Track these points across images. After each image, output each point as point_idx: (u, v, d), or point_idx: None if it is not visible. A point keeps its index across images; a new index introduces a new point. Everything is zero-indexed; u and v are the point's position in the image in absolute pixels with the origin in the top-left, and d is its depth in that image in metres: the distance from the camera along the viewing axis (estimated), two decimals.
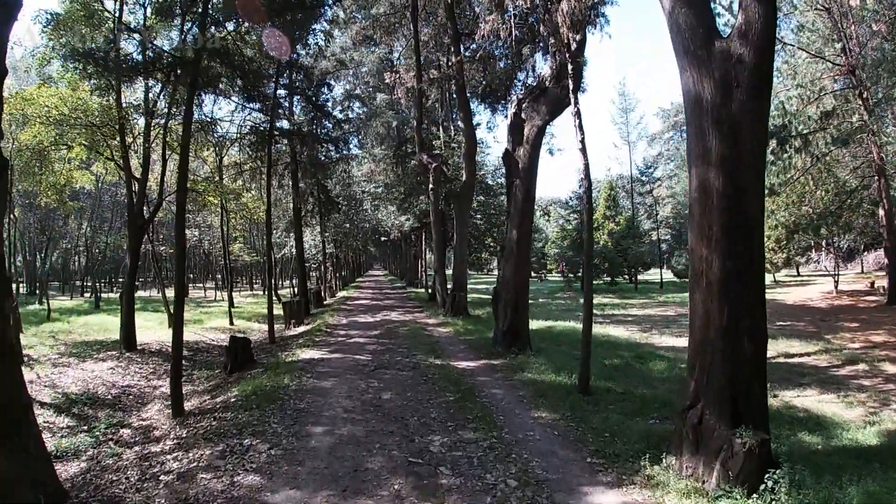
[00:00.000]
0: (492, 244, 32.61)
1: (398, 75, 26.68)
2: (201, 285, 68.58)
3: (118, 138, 17.42)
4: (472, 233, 30.65)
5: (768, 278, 41.35)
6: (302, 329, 21.04)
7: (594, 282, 46.74)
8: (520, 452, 6.87)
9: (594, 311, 27.34)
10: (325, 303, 32.39)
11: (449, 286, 24.69)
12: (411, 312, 25.19)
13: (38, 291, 47.05)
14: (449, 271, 29.06)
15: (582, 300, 34.23)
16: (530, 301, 36.24)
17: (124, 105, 17.45)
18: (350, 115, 34.65)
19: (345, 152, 34.02)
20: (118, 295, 53.93)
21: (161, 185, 20.23)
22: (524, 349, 13.92)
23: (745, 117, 6.23)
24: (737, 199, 6.18)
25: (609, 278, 47.02)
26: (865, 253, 45.48)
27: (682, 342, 19.24)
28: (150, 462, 7.35)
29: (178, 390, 10.21)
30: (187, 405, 10.97)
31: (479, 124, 32.35)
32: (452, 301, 22.57)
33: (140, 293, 55.35)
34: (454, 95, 31.06)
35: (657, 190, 53.10)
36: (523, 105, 14.71)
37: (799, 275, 47.69)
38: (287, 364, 12.83)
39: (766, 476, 5.62)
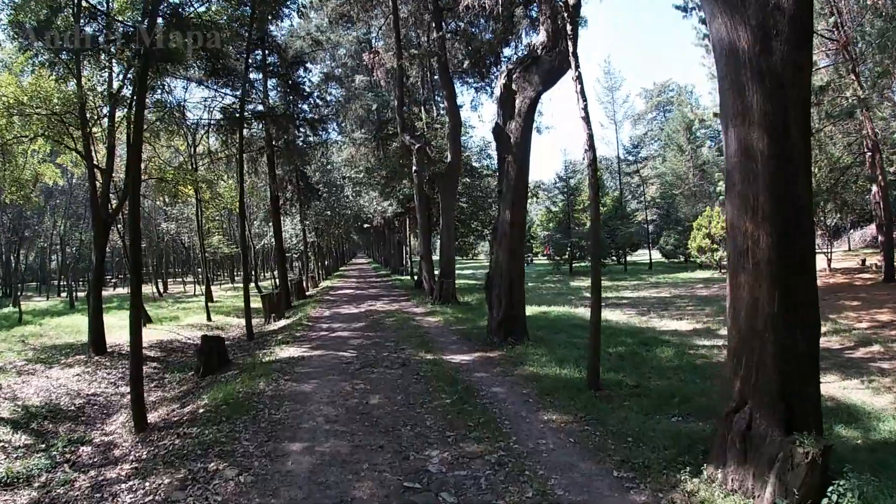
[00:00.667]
0: (478, 227, 31.55)
1: (377, 56, 25.51)
2: (181, 280, 67.25)
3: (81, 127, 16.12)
4: (457, 216, 29.58)
5: None
6: (282, 323, 19.91)
7: (581, 263, 46.45)
8: (534, 468, 5.84)
9: (585, 294, 26.50)
10: (307, 294, 31.22)
11: (436, 273, 23.66)
12: (397, 301, 24.12)
13: (11, 293, 45.53)
14: (435, 257, 28.03)
15: (572, 283, 33.38)
16: None
17: (85, 89, 16.15)
18: (328, 98, 33.39)
19: (323, 137, 32.78)
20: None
21: (127, 176, 18.87)
22: (521, 339, 12.96)
23: (788, 70, 5.22)
24: (786, 163, 5.18)
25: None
26: (852, 230, 45.17)
27: (684, 325, 18.54)
28: (103, 493, 6.26)
29: (140, 402, 9.13)
30: (153, 416, 9.91)
31: (462, 105, 31.22)
32: (440, 288, 21.55)
33: (119, 290, 54.04)
34: (436, 75, 30.00)
35: (644, 170, 52.25)
36: (514, 76, 13.61)
37: None
38: (263, 365, 11.72)
39: (830, 489, 4.68)
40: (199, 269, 67.58)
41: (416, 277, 31.30)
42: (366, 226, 49.61)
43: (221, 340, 13.53)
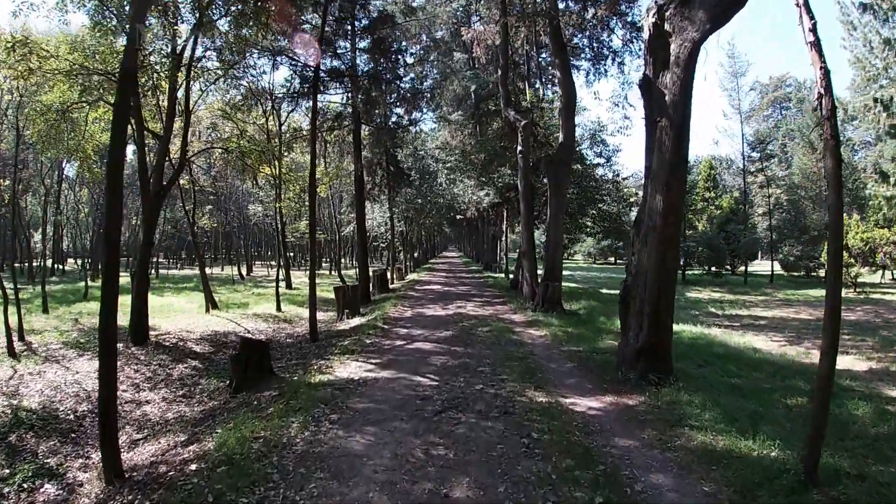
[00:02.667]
0: (588, 224, 27.53)
1: (477, 32, 22.29)
2: (270, 263, 66.66)
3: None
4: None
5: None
6: (356, 322, 16.91)
7: (693, 271, 41.27)
8: None
9: (711, 310, 22.04)
10: (390, 287, 28.30)
11: (538, 273, 20.02)
12: (491, 304, 20.64)
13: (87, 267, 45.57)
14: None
15: (688, 294, 28.67)
16: (613, 292, 31.10)
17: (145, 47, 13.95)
18: (423, 75, 30.27)
19: (416, 117, 29.79)
20: (176, 271, 52.73)
21: (184, 143, 16.35)
22: (667, 376, 9.19)
23: None
24: None
25: (712, 269, 40.65)
26: None
27: (855, 363, 13.98)
28: None
29: (111, 445, 6.13)
30: (144, 454, 7.06)
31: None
32: (544, 293, 17.88)
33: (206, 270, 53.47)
34: (541, 49, 26.29)
35: (770, 169, 46.22)
36: (667, 13, 9.76)
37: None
38: (309, 389, 8.55)
39: None
40: (291, 253, 67.17)
41: (511, 277, 27.74)
42: (458, 217, 46.35)
43: (264, 347, 10.48)
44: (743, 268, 44.41)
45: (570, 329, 14.69)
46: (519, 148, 19.72)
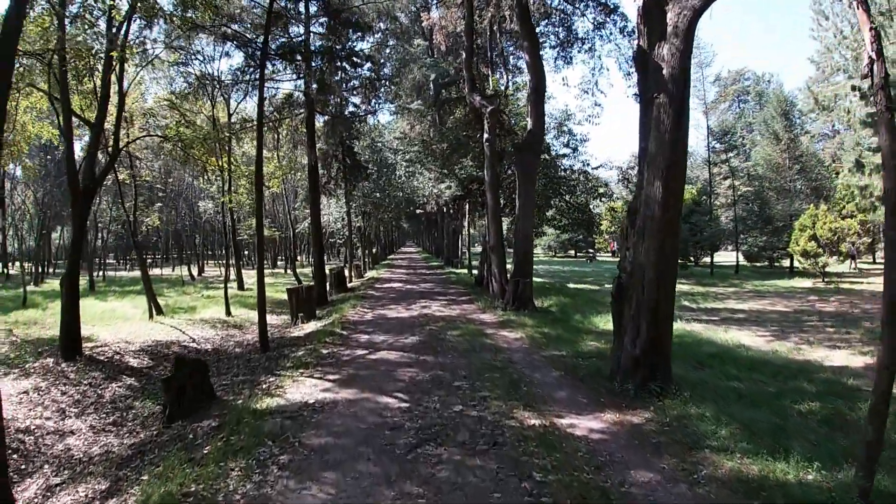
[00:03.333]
0: (556, 217, 26.23)
1: (437, 18, 21.04)
2: (223, 262, 63.66)
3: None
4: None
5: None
6: (312, 327, 15.41)
7: None
8: None
9: (685, 303, 21.23)
10: (349, 286, 26.76)
11: (507, 268, 18.82)
12: (457, 303, 19.33)
13: (39, 270, 42.62)
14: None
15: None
16: (594, 289, 30.16)
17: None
18: (381, 59, 28.68)
19: (374, 107, 28.30)
20: (125, 272, 49.83)
21: (117, 131, 14.56)
22: (668, 386, 8.11)
23: None
24: None
25: (679, 261, 40.02)
26: None
27: (850, 358, 13.23)
28: None
29: None
30: None
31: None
32: (515, 291, 16.67)
33: (152, 271, 50.49)
34: (504, 35, 25.09)
35: (733, 160, 46.05)
36: None
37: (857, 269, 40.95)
38: (255, 418, 7.08)
39: None
40: (245, 252, 64.62)
41: (477, 273, 26.48)
42: (418, 211, 44.95)
43: (202, 366, 8.94)
44: (707, 259, 44.16)
45: (547, 330, 13.51)
46: (485, 136, 18.46)
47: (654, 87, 8.67)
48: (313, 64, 21.37)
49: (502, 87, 23.18)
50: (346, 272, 30.80)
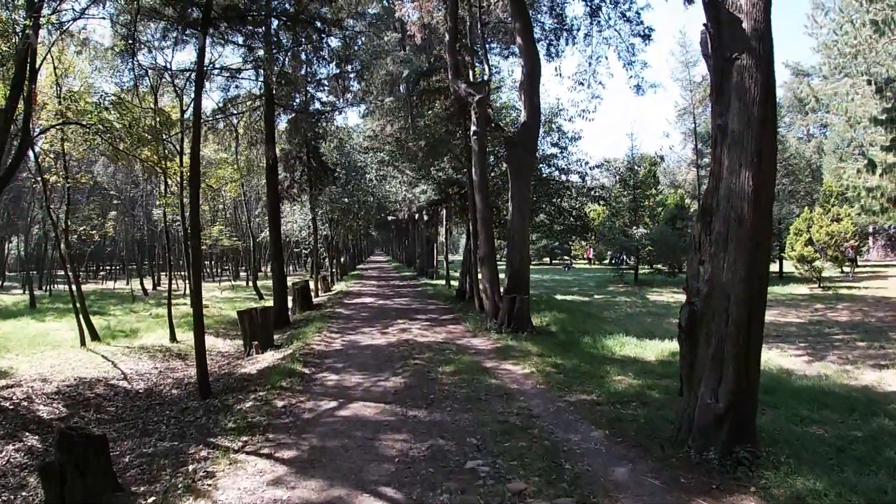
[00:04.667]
0: (545, 221, 23.46)
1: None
2: (184, 273, 59.76)
3: None
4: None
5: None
6: (268, 360, 12.52)
7: (643, 271, 38.56)
8: None
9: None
10: (315, 302, 23.87)
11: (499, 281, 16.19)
12: (441, 323, 16.64)
13: None
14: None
15: (651, 297, 25.66)
16: (584, 300, 27.74)
17: None
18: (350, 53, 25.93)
19: (342, 102, 25.58)
20: (69, 289, 45.28)
21: (26, 117, 11.56)
22: (755, 448, 5.75)
23: None
24: None
25: (661, 267, 37.87)
26: None
27: None
28: None
29: None
30: None
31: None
32: (510, 309, 14.04)
33: (92, 285, 46.58)
34: (486, 26, 22.51)
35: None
36: None
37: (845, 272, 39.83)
38: None
39: None
40: (207, 263, 60.91)
41: (460, 287, 23.80)
42: (390, 218, 42.07)
43: (98, 444, 6.06)
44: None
45: (559, 360, 10.92)
46: (472, 128, 15.86)
47: (732, 45, 6.20)
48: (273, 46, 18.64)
49: (488, 76, 20.64)
50: (313, 285, 27.94)
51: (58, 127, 13.49)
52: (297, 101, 24.58)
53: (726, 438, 5.89)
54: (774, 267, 40.79)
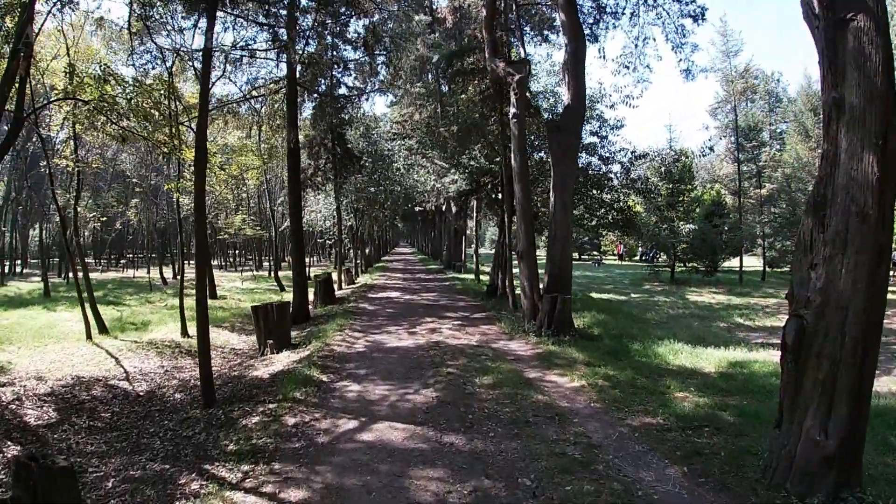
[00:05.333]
0: (584, 216, 21.52)
1: None
2: (214, 262, 58.99)
3: None
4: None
5: None
6: (282, 362, 11.30)
7: (679, 269, 36.70)
8: None
9: (739, 320, 17.55)
10: (337, 295, 22.70)
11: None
12: (473, 322, 15.33)
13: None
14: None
15: (690, 297, 23.33)
16: (621, 299, 26.18)
17: None
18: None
19: (370, 85, 24.33)
20: (98, 274, 44.50)
21: (21, 90, 10.43)
22: (864, 494, 4.40)
23: None
24: None
25: (699, 266, 35.96)
26: None
27: None
28: None
29: None
30: None
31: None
32: (551, 310, 12.66)
33: (111, 274, 45.94)
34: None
35: (760, 158, 42.17)
36: None
37: None
38: None
39: None
40: (231, 252, 60.28)
41: (489, 281, 22.46)
42: (417, 209, 40.79)
43: (65, 477, 4.85)
44: (727, 264, 40.26)
45: (609, 371, 9.56)
46: (512, 111, 14.43)
47: (846, 2, 4.83)
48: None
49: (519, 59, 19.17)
50: (336, 276, 26.83)
51: (55, 104, 12.37)
52: (323, 85, 23.45)
53: (834, 482, 4.67)
54: None
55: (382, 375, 9.37)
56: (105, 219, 26.06)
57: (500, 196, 21.90)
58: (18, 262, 47.54)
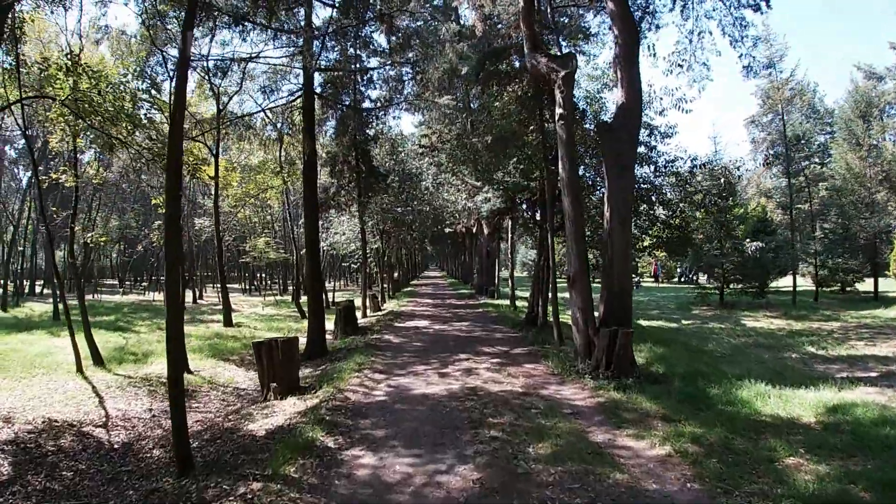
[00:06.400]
0: (637, 235, 18.39)
1: None
2: (232, 286, 57.85)
3: None
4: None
5: None
6: (286, 412, 9.25)
7: (726, 291, 33.96)
8: None
9: (810, 348, 15.57)
10: (361, 322, 20.75)
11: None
12: (515, 359, 13.10)
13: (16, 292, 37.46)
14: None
15: (746, 322, 17.49)
16: (670, 326, 23.76)
17: None
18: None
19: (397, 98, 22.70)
20: (120, 297, 43.46)
21: None
22: None
23: None
24: None
25: (753, 289, 33.19)
26: None
27: None
28: None
29: None
30: None
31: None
32: (609, 347, 10.43)
33: (133, 297, 44.63)
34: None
35: (810, 168, 39.39)
36: None
37: None
38: None
39: None
40: (248, 275, 58.96)
41: (527, 308, 20.26)
42: (447, 230, 38.74)
43: None
44: (773, 285, 37.32)
45: (697, 429, 7.39)
46: (558, 111, 12.33)
47: None
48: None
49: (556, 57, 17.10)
50: (362, 301, 24.93)
51: (25, 103, 10.69)
52: (347, 99, 21.90)
53: None
54: (862, 286, 35.99)
55: (406, 440, 7.22)
56: (105, 239, 24.40)
57: (537, 215, 19.80)
58: (40, 282, 46.76)
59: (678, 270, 61.49)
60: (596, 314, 11.79)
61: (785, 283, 37.78)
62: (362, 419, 8.23)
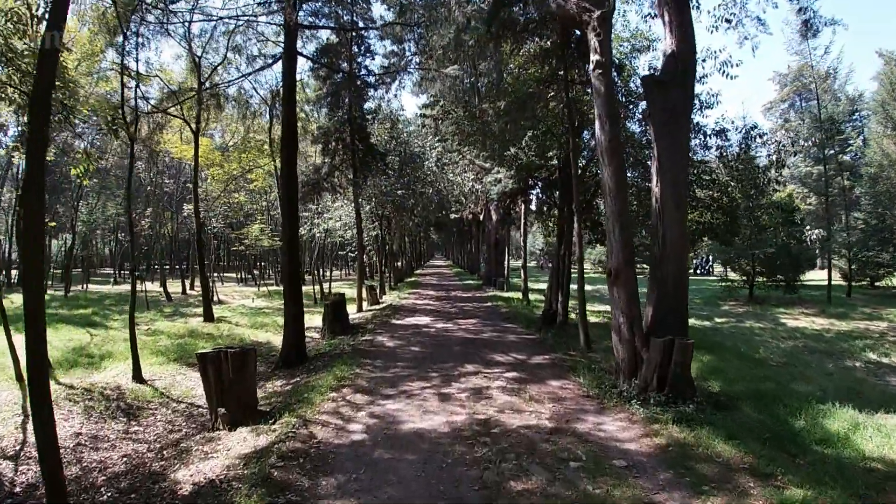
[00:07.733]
0: (700, 217, 15.30)
1: None
2: (226, 276, 55.53)
3: None
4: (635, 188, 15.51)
5: None
6: (234, 450, 6.80)
7: (756, 286, 31.29)
8: None
9: (871, 354, 13.12)
10: (353, 320, 18.25)
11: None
12: (534, 372, 10.54)
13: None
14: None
15: (787, 321, 15.56)
16: (705, 325, 21.26)
17: None
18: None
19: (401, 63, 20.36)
20: (110, 287, 41.38)
21: None
22: None
23: None
24: None
25: (782, 283, 30.53)
26: None
27: None
28: None
29: None
30: None
31: None
32: (662, 361, 7.90)
33: (121, 288, 42.46)
34: None
35: (843, 155, 36.65)
36: None
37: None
38: None
39: None
40: (247, 265, 56.64)
41: (544, 304, 17.70)
42: (452, 216, 36.14)
43: None
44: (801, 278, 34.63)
45: (804, 490, 4.93)
46: (594, 58, 9.70)
47: None
48: None
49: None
50: (357, 293, 22.49)
51: None
52: (342, 74, 19.45)
53: None
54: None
55: None
56: (53, 224, 22.01)
57: (556, 195, 17.21)
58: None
59: (694, 262, 58.56)
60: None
61: (811, 276, 35.19)
62: (325, 477, 5.69)
